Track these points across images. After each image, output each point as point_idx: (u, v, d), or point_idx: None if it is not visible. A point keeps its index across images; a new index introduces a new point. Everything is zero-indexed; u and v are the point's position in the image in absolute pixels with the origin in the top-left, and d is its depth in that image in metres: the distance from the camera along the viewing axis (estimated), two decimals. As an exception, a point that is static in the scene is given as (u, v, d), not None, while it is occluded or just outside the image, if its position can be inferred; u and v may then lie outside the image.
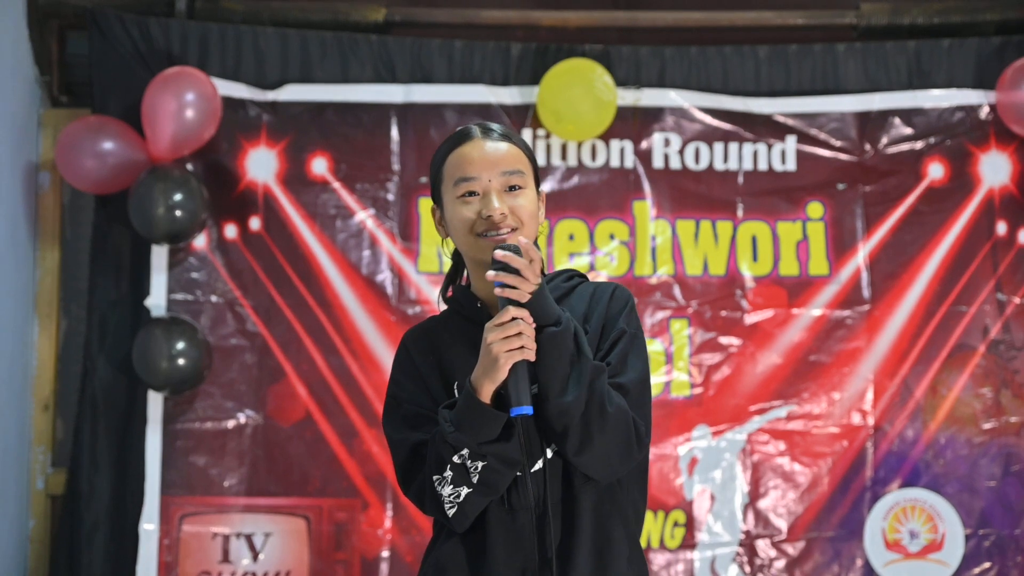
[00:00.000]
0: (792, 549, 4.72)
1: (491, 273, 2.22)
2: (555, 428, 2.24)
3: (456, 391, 2.31)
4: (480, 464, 2.22)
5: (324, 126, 4.84)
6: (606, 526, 2.31)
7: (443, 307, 2.49)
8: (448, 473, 2.24)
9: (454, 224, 2.35)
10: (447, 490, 2.25)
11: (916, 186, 4.84)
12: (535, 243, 2.39)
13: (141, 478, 4.65)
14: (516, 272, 2.20)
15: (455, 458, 2.23)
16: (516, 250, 2.21)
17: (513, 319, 2.18)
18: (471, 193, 2.33)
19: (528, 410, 2.17)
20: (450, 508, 2.26)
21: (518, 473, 2.27)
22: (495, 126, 2.39)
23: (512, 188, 2.33)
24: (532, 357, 2.20)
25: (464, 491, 2.24)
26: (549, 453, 2.29)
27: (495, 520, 2.30)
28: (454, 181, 2.34)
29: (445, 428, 2.22)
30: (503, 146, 2.35)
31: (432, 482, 2.26)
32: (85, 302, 4.84)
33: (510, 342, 2.18)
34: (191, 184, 4.62)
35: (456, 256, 2.49)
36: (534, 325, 2.20)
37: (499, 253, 2.21)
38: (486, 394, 2.21)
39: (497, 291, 2.22)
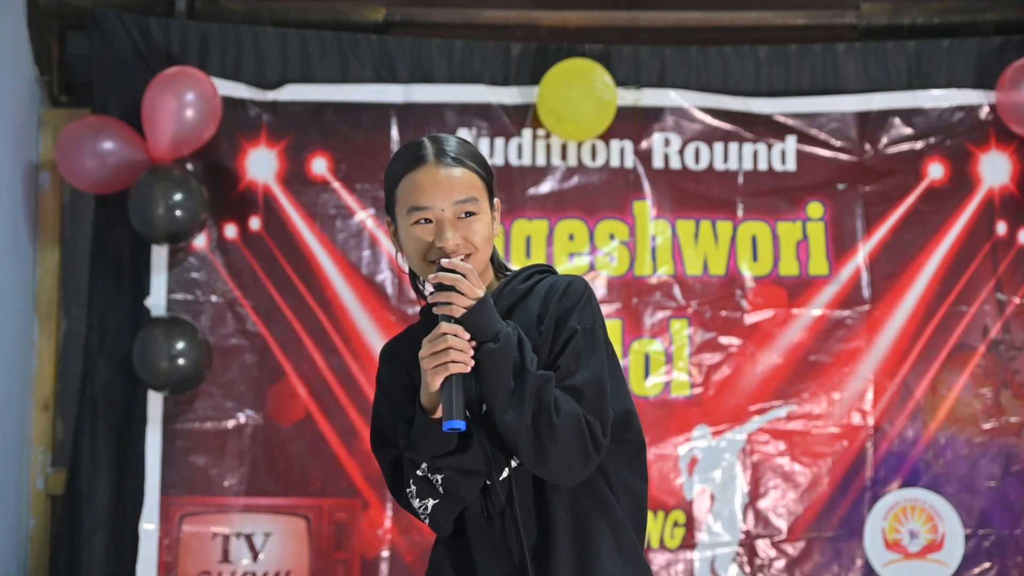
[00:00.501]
0: (792, 549, 4.72)
1: (430, 295, 2.25)
2: (507, 443, 2.25)
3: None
4: (440, 476, 2.25)
5: (324, 126, 4.84)
6: (585, 522, 2.31)
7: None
8: (413, 487, 2.29)
9: (407, 247, 2.35)
10: (416, 503, 2.30)
11: (916, 186, 4.84)
12: (494, 254, 2.41)
13: (141, 478, 4.65)
14: (451, 289, 2.22)
15: (417, 472, 2.27)
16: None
17: (443, 335, 2.18)
18: (425, 220, 2.31)
19: (460, 425, 2.16)
20: (424, 518, 2.31)
21: (487, 482, 2.30)
22: (449, 147, 2.35)
23: (467, 215, 2.32)
24: (465, 370, 2.19)
25: (431, 502, 2.28)
26: (514, 462, 2.30)
27: (474, 527, 2.34)
28: (407, 208, 2.32)
29: (403, 444, 2.28)
30: (457, 172, 2.32)
31: (405, 495, 2.32)
32: (85, 302, 4.84)
33: (437, 358, 2.18)
34: (191, 184, 4.62)
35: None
36: (469, 339, 2.20)
37: (431, 277, 2.25)
38: (433, 410, 2.23)
39: (435, 310, 2.24)
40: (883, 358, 4.76)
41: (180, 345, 4.57)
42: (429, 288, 2.28)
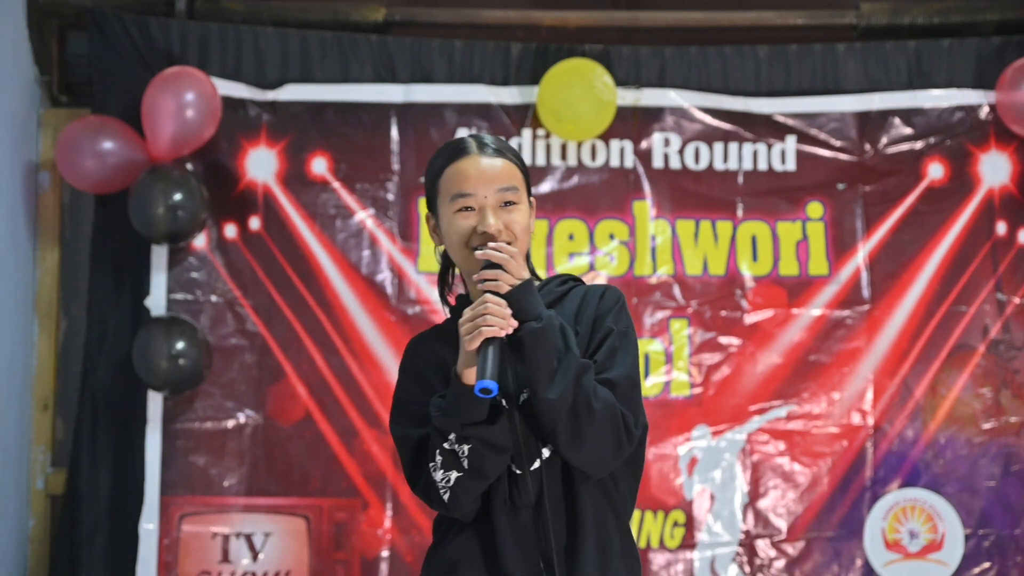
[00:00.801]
0: (792, 549, 4.72)
1: (477, 275, 2.32)
2: (544, 424, 2.29)
3: None
4: (466, 448, 2.28)
5: (324, 126, 4.84)
6: (604, 522, 2.37)
7: (446, 310, 2.57)
8: (439, 458, 2.31)
9: (450, 236, 2.42)
10: (439, 475, 2.31)
11: (916, 186, 4.84)
12: (528, 253, 2.47)
13: (141, 478, 4.65)
14: (499, 267, 2.30)
15: (444, 444, 2.29)
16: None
17: (484, 303, 2.25)
18: (467, 208, 2.40)
19: (492, 385, 2.20)
20: (444, 492, 2.31)
21: (518, 472, 2.33)
22: (490, 140, 2.46)
23: (507, 204, 2.40)
24: (500, 334, 2.24)
25: (454, 475, 2.30)
26: (546, 452, 2.34)
27: (500, 516, 2.35)
28: (451, 196, 2.41)
29: (434, 414, 2.31)
30: (499, 162, 2.42)
31: (428, 470, 2.33)
32: (85, 302, 4.84)
33: (475, 322, 2.24)
34: (191, 184, 4.62)
35: (445, 258, 2.55)
36: (508, 310, 2.26)
37: (479, 253, 2.32)
38: (468, 379, 2.28)
39: (481, 286, 2.30)
40: (883, 358, 4.76)
41: (180, 345, 4.56)
42: (475, 275, 2.34)
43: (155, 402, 4.67)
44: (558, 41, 4.98)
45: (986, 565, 4.69)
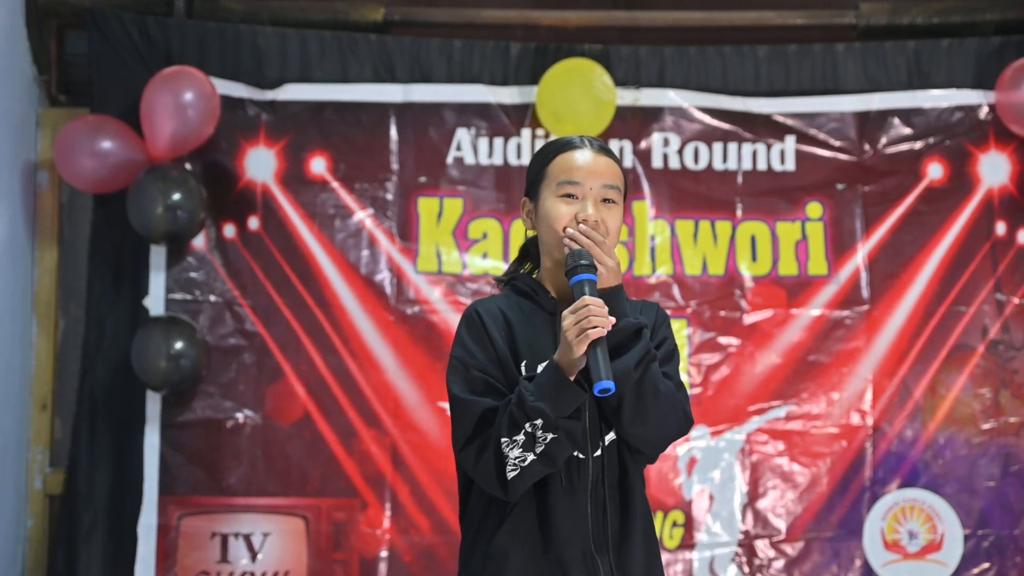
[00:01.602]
0: (791, 549, 4.71)
1: (571, 231, 2.46)
2: (614, 395, 2.36)
3: (524, 370, 2.45)
4: (550, 436, 2.35)
5: (323, 126, 4.83)
6: (648, 515, 2.51)
7: (502, 287, 2.65)
8: (520, 437, 2.36)
9: (547, 218, 2.52)
10: (515, 452, 2.36)
11: (915, 186, 4.83)
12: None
13: (139, 478, 4.64)
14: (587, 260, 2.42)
15: (528, 426, 2.35)
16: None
17: (585, 305, 2.35)
18: (571, 195, 2.51)
19: (610, 385, 2.30)
20: (512, 471, 2.37)
21: (580, 456, 2.43)
22: (598, 141, 2.59)
23: (607, 201, 2.52)
24: (603, 334, 2.34)
25: (529, 457, 2.36)
26: (607, 440, 2.46)
27: (556, 500, 2.43)
28: (558, 181, 2.53)
29: (526, 396, 2.35)
30: (608, 161, 2.55)
31: (500, 443, 2.37)
32: (83, 301, 4.83)
33: (580, 325, 2.33)
34: (190, 184, 4.62)
35: (526, 248, 2.68)
36: (606, 308, 2.36)
37: (571, 231, 2.46)
38: (569, 375, 2.36)
39: (571, 251, 2.43)
40: (882, 358, 4.76)
41: (179, 345, 4.56)
42: (569, 230, 2.47)
43: (154, 402, 4.67)
44: (557, 41, 4.98)
45: (985, 565, 4.69)
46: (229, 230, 4.77)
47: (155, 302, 4.68)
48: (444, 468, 4.70)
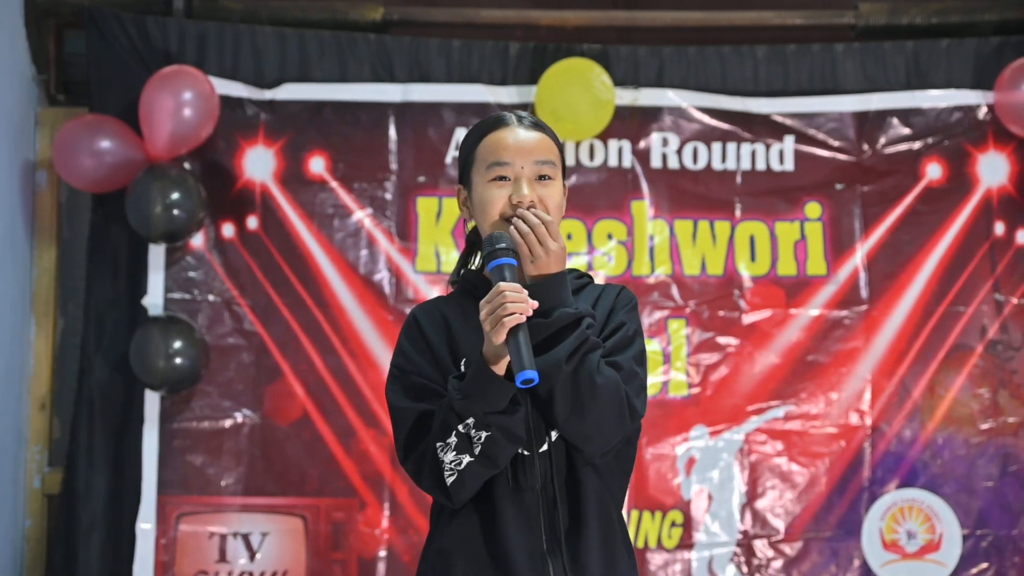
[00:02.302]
0: (790, 549, 4.71)
1: (515, 219, 2.31)
2: (544, 391, 2.25)
3: (463, 368, 2.34)
4: (484, 434, 2.24)
5: (322, 125, 4.83)
6: (606, 510, 2.36)
7: (449, 287, 2.54)
8: (452, 440, 2.25)
9: (481, 206, 2.39)
10: (449, 456, 2.26)
11: (914, 186, 4.84)
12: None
13: (138, 477, 4.64)
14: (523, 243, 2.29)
15: (460, 427, 2.24)
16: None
17: (500, 292, 2.22)
18: (502, 178, 2.38)
19: (532, 375, 2.17)
20: (449, 475, 2.27)
21: (525, 453, 2.31)
22: (528, 115, 2.45)
23: (542, 177, 2.39)
24: (522, 320, 2.21)
25: (465, 459, 2.25)
26: (554, 435, 2.33)
27: (502, 499, 2.32)
28: (487, 164, 2.39)
29: (454, 396, 2.25)
30: (537, 135, 2.42)
31: (435, 449, 2.28)
32: (82, 301, 4.83)
33: (496, 313, 2.21)
34: (188, 183, 4.61)
35: (471, 237, 2.53)
36: (524, 293, 2.23)
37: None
38: (495, 367, 2.24)
39: (516, 237, 2.29)
40: (881, 358, 4.76)
41: (177, 344, 4.56)
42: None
43: (152, 401, 4.66)
44: (556, 41, 4.97)
45: (984, 566, 4.69)
46: (228, 229, 4.77)
47: (154, 301, 4.68)
48: (443, 468, 4.70)
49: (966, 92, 4.84)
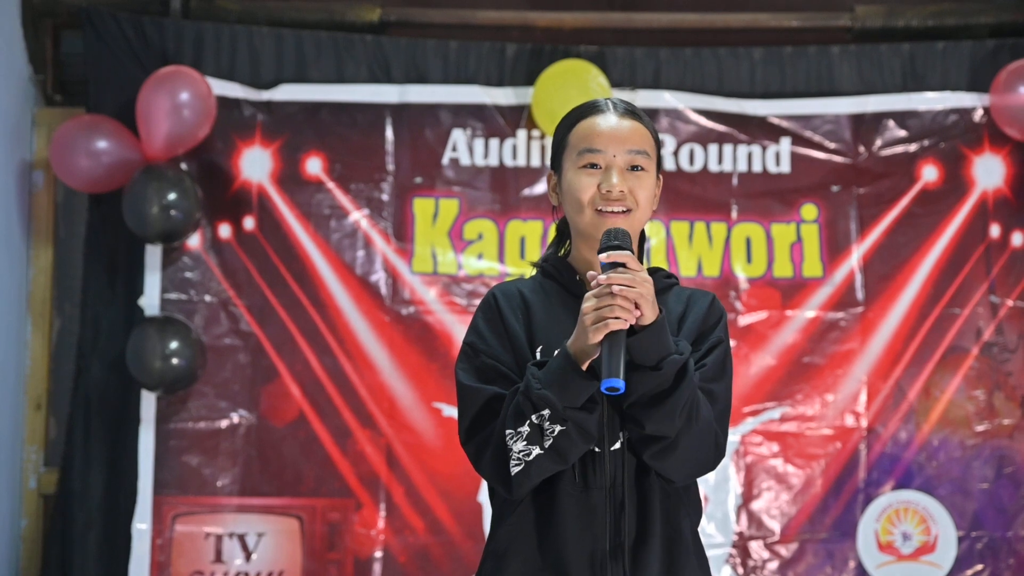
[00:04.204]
0: (785, 551, 4.72)
1: (601, 276, 2.16)
2: (648, 423, 2.18)
3: (539, 355, 2.26)
4: (558, 428, 2.15)
5: (319, 126, 4.83)
6: (675, 518, 2.28)
7: (533, 271, 2.47)
8: (524, 429, 2.17)
9: (569, 192, 2.33)
10: (519, 445, 2.18)
11: (910, 188, 4.84)
12: (642, 234, 2.38)
13: (134, 477, 4.64)
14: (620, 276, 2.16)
15: (534, 417, 2.16)
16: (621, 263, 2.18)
17: (609, 290, 2.12)
18: (593, 165, 2.31)
19: (619, 384, 2.09)
20: (516, 465, 2.18)
21: (596, 450, 2.23)
22: (626, 103, 2.38)
23: (634, 168, 2.32)
24: (625, 327, 2.13)
25: (535, 451, 2.17)
26: (626, 434, 2.26)
27: (567, 496, 2.23)
28: (579, 151, 2.33)
29: (532, 384, 2.16)
30: (633, 124, 2.34)
31: (504, 435, 2.19)
32: (78, 301, 4.83)
33: (601, 312, 2.12)
34: (185, 183, 4.61)
35: (561, 227, 2.46)
36: (636, 293, 2.13)
37: (603, 278, 2.15)
38: (581, 362, 2.16)
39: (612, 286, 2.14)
40: (876, 360, 4.77)
41: (174, 345, 4.56)
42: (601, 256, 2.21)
43: (148, 402, 4.66)
44: (553, 42, 4.98)
45: (979, 567, 4.69)
46: (224, 230, 4.77)
47: (150, 302, 4.68)
48: (439, 469, 4.70)
49: (962, 94, 4.85)
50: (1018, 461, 4.73)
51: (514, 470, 2.18)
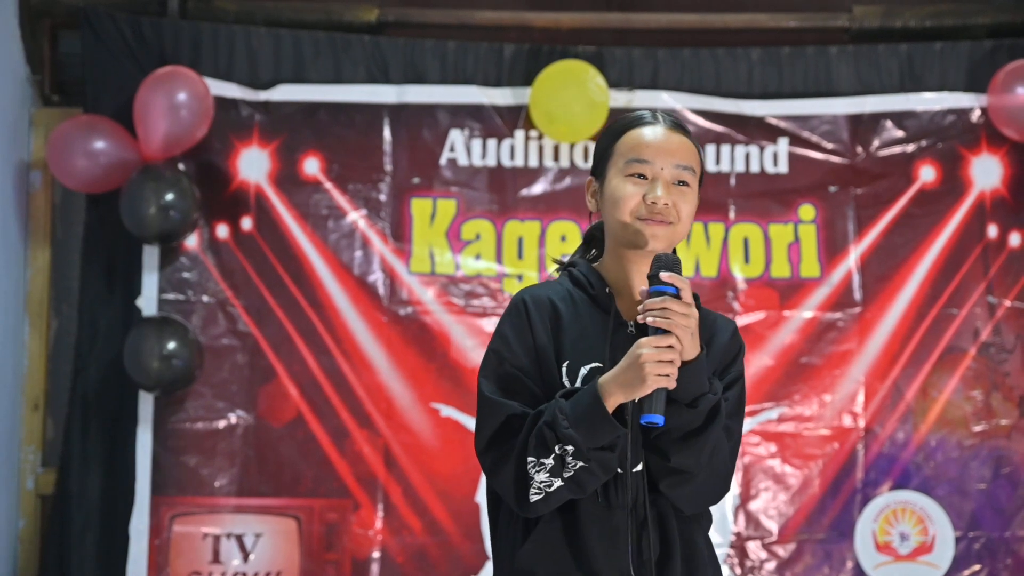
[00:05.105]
0: (783, 551, 4.72)
1: (647, 304, 2.18)
2: (675, 456, 2.21)
3: (564, 372, 2.26)
4: (579, 464, 2.16)
5: (316, 126, 4.83)
6: (690, 532, 2.31)
7: (557, 272, 2.46)
8: (549, 461, 2.17)
9: (613, 199, 2.31)
10: (541, 476, 2.18)
11: (907, 189, 4.84)
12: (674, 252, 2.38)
13: (131, 478, 4.64)
14: (672, 301, 2.19)
15: (557, 448, 2.16)
16: (673, 290, 2.20)
17: (670, 349, 2.15)
18: (640, 175, 2.31)
19: (660, 420, 2.13)
20: (536, 494, 2.19)
21: (619, 471, 2.23)
22: (675, 116, 2.39)
23: (680, 183, 2.33)
24: (673, 385, 2.16)
25: (556, 483, 2.17)
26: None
27: (590, 517, 2.24)
28: (626, 159, 2.32)
29: (560, 421, 2.16)
30: (682, 139, 2.34)
31: (526, 462, 2.19)
32: (76, 302, 4.83)
33: (662, 367, 2.14)
34: (183, 184, 4.61)
35: (593, 232, 2.46)
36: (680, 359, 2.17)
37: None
38: (613, 402, 2.17)
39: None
40: (874, 360, 4.77)
41: (171, 345, 4.55)
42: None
43: (146, 402, 4.66)
44: (551, 42, 4.97)
45: (976, 567, 4.69)
46: (222, 230, 4.77)
47: (148, 302, 4.67)
48: (437, 469, 4.70)
49: (959, 95, 4.85)
50: (1015, 461, 4.73)
51: (533, 498, 2.19)
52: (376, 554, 4.69)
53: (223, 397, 4.72)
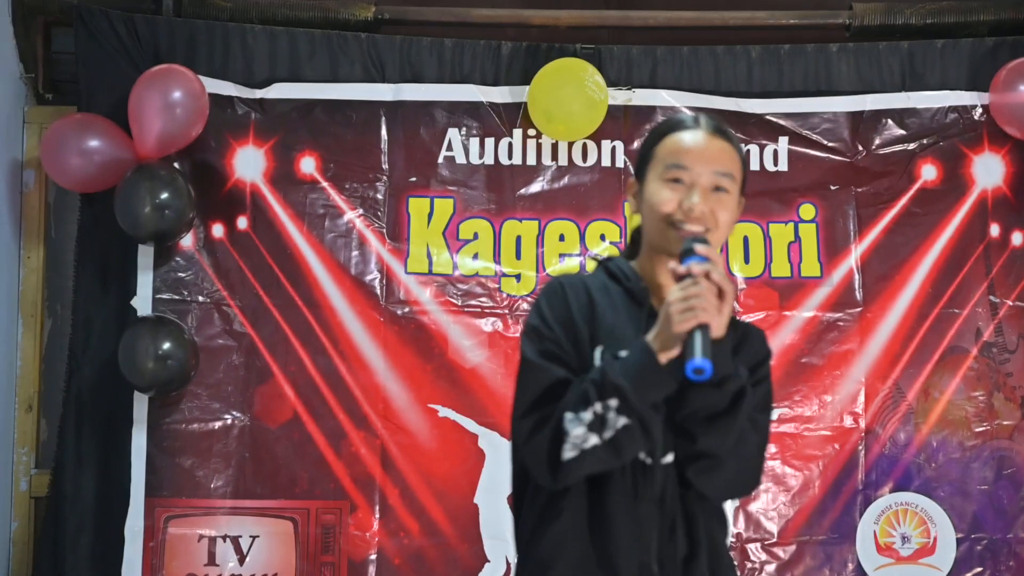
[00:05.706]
0: (783, 552, 4.70)
1: (672, 265, 2.21)
2: (705, 438, 2.20)
3: (598, 356, 2.25)
4: (623, 421, 2.14)
5: (313, 125, 4.81)
6: (715, 529, 2.32)
7: (593, 264, 2.47)
8: (587, 416, 2.15)
9: (650, 203, 2.33)
10: (577, 431, 2.15)
11: (909, 187, 4.82)
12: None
13: (126, 479, 4.61)
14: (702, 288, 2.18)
15: (598, 405, 2.15)
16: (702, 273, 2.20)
17: (697, 286, 2.14)
18: (677, 180, 2.32)
19: (706, 365, 2.08)
20: (571, 450, 2.16)
21: (647, 461, 2.23)
22: (722, 124, 2.41)
23: (718, 189, 2.33)
24: (710, 322, 2.13)
25: (593, 439, 2.15)
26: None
27: (617, 506, 2.23)
28: (665, 164, 2.33)
29: (609, 369, 2.15)
30: (723, 144, 2.36)
31: (563, 417, 2.17)
32: (70, 302, 4.80)
33: (689, 301, 2.13)
34: (178, 183, 4.58)
35: (636, 236, 2.47)
36: (720, 291, 2.16)
37: (683, 267, 2.19)
38: (662, 355, 2.16)
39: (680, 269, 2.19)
40: (875, 360, 4.75)
41: (166, 345, 4.53)
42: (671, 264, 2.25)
43: (141, 403, 4.64)
44: (549, 40, 4.95)
45: (978, 569, 4.67)
46: (218, 230, 4.74)
47: (142, 302, 4.65)
48: (434, 470, 4.68)
49: (961, 93, 4.83)
50: (1018, 462, 4.71)
51: (567, 455, 2.15)
52: (373, 556, 4.67)
53: (219, 398, 4.70)
